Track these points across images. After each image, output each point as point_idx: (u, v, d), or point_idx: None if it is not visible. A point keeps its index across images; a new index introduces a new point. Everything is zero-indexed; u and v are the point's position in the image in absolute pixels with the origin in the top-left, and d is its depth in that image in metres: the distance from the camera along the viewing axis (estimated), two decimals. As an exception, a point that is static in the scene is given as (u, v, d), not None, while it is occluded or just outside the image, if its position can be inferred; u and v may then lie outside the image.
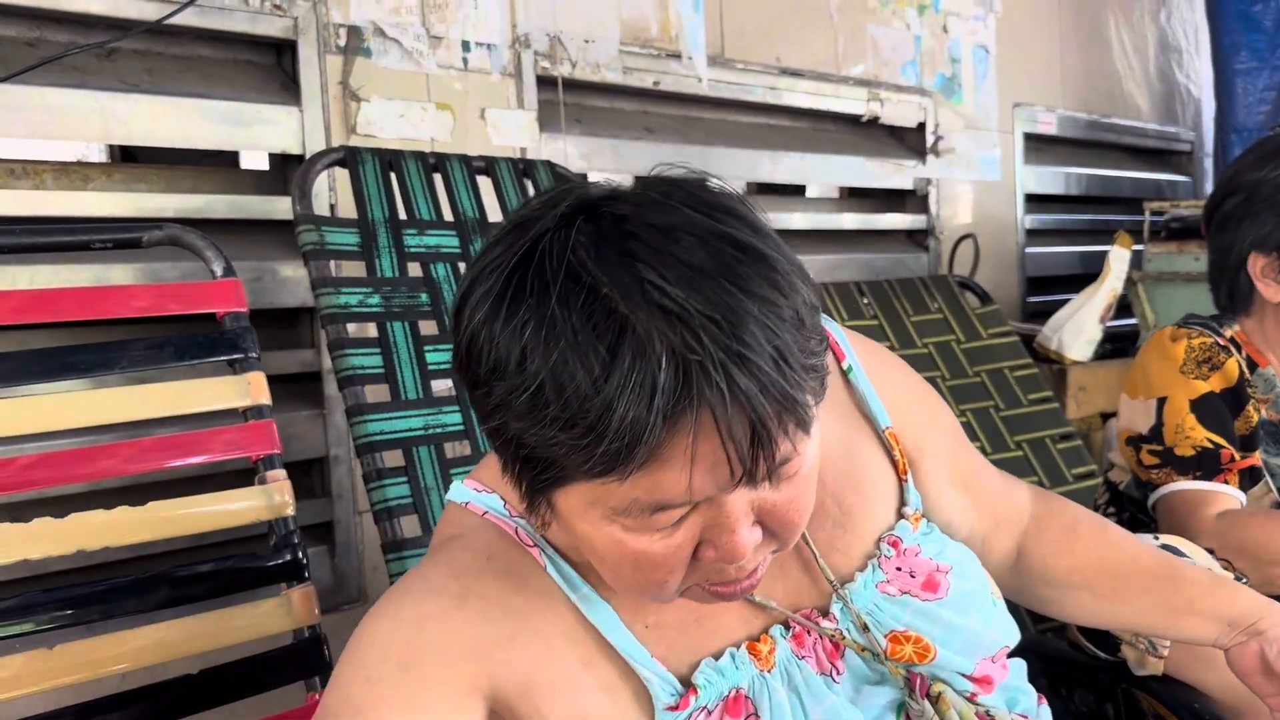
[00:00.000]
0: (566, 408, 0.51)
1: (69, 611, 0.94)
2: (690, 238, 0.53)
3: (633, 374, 0.50)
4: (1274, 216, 1.24)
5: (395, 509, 1.10)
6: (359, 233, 1.22)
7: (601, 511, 0.56)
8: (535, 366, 0.52)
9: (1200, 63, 3.39)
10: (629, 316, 0.51)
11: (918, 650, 0.71)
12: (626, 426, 0.50)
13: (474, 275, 0.57)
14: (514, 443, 0.56)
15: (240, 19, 1.37)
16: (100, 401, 1.04)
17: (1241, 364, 1.26)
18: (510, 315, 0.53)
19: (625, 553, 0.58)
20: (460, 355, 0.57)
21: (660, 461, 0.52)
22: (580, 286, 0.52)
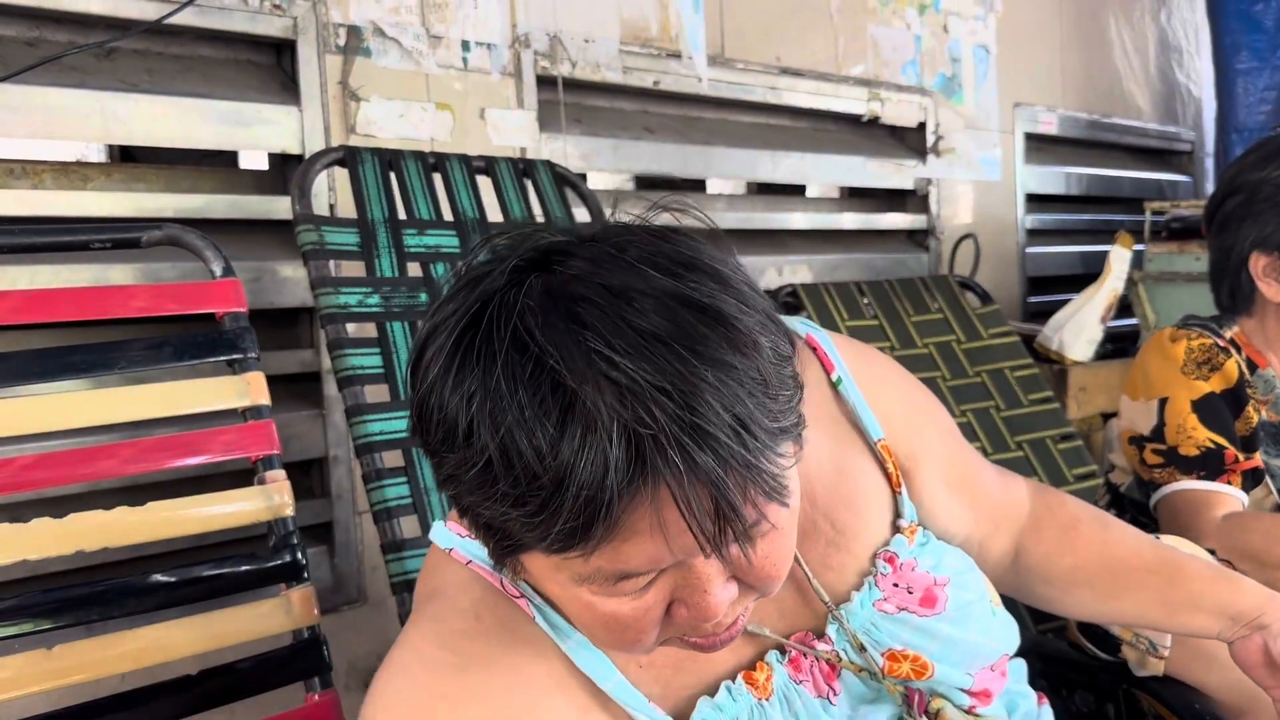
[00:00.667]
0: (516, 484, 0.50)
1: (68, 612, 0.94)
2: (645, 299, 0.51)
3: (583, 451, 0.48)
4: (1275, 216, 1.24)
5: (395, 509, 1.10)
6: (358, 232, 1.22)
7: (568, 575, 0.55)
8: (483, 441, 0.50)
9: (1201, 62, 3.39)
10: (577, 390, 0.49)
11: (915, 668, 0.70)
12: (580, 505, 0.48)
13: (426, 332, 0.55)
14: (469, 512, 0.55)
15: (240, 19, 1.37)
16: (99, 402, 1.04)
17: (1241, 365, 1.26)
18: (458, 383, 0.51)
19: (595, 615, 0.56)
20: (413, 420, 0.55)
21: (620, 537, 0.50)
22: (527, 357, 0.50)
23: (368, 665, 1.49)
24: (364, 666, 1.49)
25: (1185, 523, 1.20)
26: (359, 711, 0.63)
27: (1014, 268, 2.71)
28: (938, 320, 1.93)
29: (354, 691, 1.47)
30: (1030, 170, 2.73)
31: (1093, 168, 3.00)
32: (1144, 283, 2.35)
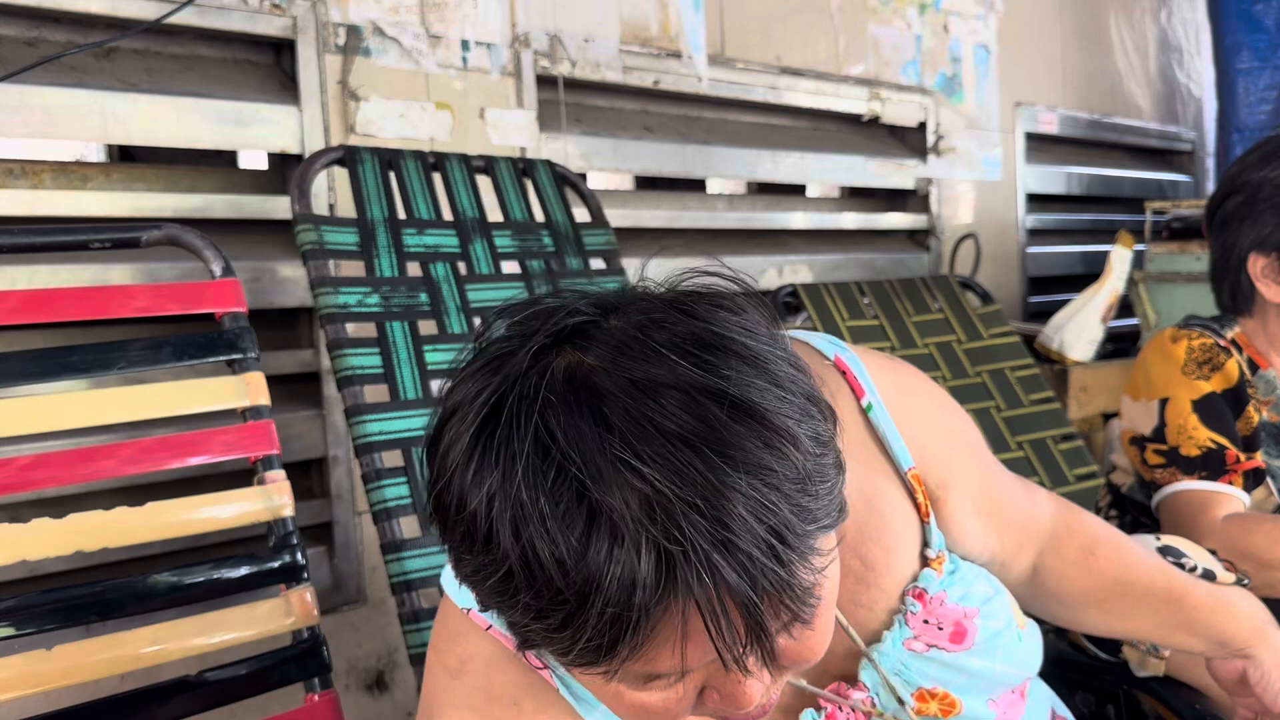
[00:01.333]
0: (538, 597, 0.47)
1: (68, 613, 0.94)
2: (672, 395, 0.48)
3: (609, 565, 0.46)
4: (1275, 217, 1.24)
5: (394, 509, 1.10)
6: (358, 232, 1.22)
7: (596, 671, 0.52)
8: (504, 549, 0.47)
9: (1201, 62, 3.39)
10: (601, 501, 0.46)
11: (943, 706, 0.70)
12: (606, 622, 0.46)
13: (445, 415, 0.53)
14: (489, 607, 0.53)
15: (239, 18, 1.37)
16: (99, 402, 1.03)
17: (1242, 365, 1.26)
18: (477, 481, 0.49)
19: (622, 704, 0.54)
20: (431, 507, 0.53)
21: (645, 650, 0.48)
22: (549, 463, 0.47)
23: (367, 665, 1.49)
24: (364, 667, 1.49)
25: (1187, 523, 1.20)
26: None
27: (1015, 268, 2.71)
28: (938, 320, 1.93)
29: (353, 692, 1.47)
30: (1031, 170, 2.73)
31: (1093, 167, 3.00)
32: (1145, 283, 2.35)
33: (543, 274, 1.35)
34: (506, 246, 1.34)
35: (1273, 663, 0.84)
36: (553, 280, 1.36)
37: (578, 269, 1.39)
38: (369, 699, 1.49)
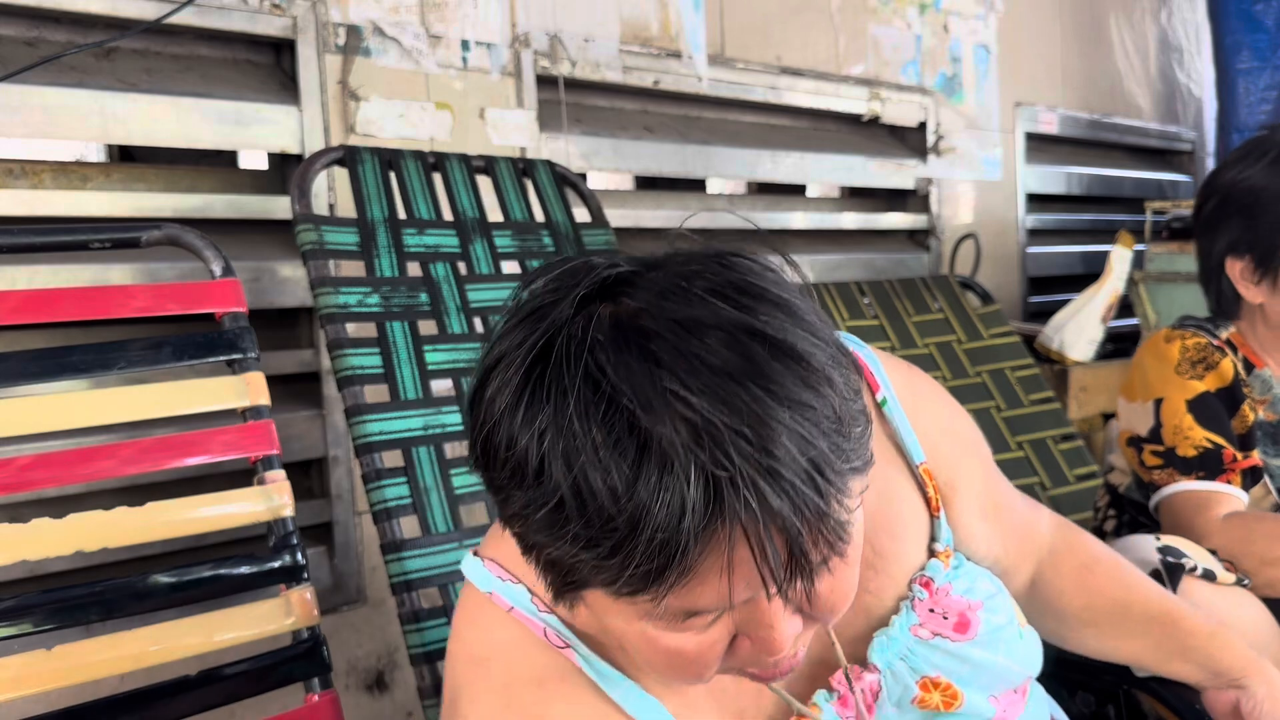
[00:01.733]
0: (589, 526, 0.49)
1: (68, 613, 0.94)
2: (716, 333, 0.50)
3: (659, 493, 0.47)
4: (1243, 220, 1.25)
5: (394, 509, 1.10)
6: (358, 232, 1.22)
7: (631, 611, 0.54)
8: (555, 480, 0.49)
9: (1202, 62, 3.39)
10: (651, 430, 0.48)
11: (945, 698, 0.71)
12: (655, 548, 0.48)
13: (489, 364, 0.54)
14: (534, 549, 0.54)
15: (239, 18, 1.37)
16: (99, 402, 1.03)
17: (1237, 364, 1.26)
18: (528, 419, 0.50)
19: (656, 650, 0.55)
20: (476, 453, 0.55)
21: (691, 579, 0.50)
22: (600, 396, 0.49)
23: (368, 665, 1.49)
24: (364, 666, 1.49)
25: (1186, 523, 1.20)
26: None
27: (1015, 268, 2.71)
28: (938, 320, 1.93)
29: (353, 692, 1.47)
30: (1031, 170, 2.73)
31: (1093, 167, 3.00)
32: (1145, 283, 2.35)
33: (543, 274, 1.35)
34: (506, 246, 1.34)
35: (1265, 694, 0.84)
36: (553, 280, 1.36)
37: (578, 269, 1.39)
38: (369, 699, 1.49)
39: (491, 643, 0.65)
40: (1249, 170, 1.25)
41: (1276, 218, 1.22)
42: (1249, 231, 1.25)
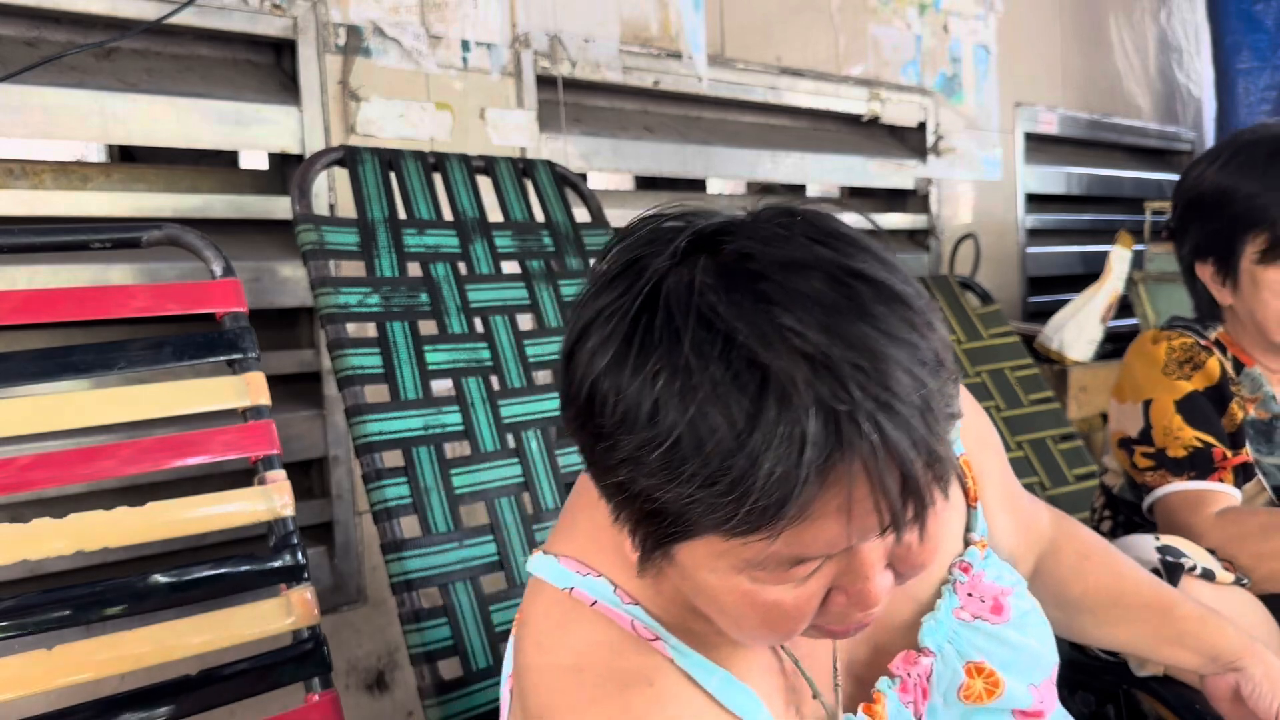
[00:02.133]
0: (707, 464, 0.48)
1: (68, 612, 0.94)
2: (821, 274, 0.50)
3: (779, 427, 0.47)
4: (1203, 223, 1.26)
5: (395, 509, 1.10)
6: (358, 232, 1.22)
7: (731, 563, 0.53)
8: (670, 420, 0.49)
9: (1201, 62, 3.39)
10: (770, 365, 0.48)
11: (987, 685, 0.71)
12: (774, 483, 0.47)
13: (587, 319, 0.54)
14: (640, 498, 0.52)
15: (239, 18, 1.37)
16: (99, 402, 1.04)
17: (1225, 363, 1.26)
18: (639, 365, 0.50)
19: (754, 605, 0.55)
20: (578, 405, 0.54)
21: (808, 518, 0.49)
22: (715, 334, 0.49)
23: (368, 665, 1.49)
24: (364, 666, 1.49)
25: (1181, 523, 1.20)
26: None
27: (1014, 268, 2.71)
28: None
29: (354, 691, 1.47)
30: (1030, 170, 2.73)
31: (1093, 168, 3.00)
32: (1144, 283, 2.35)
33: (543, 274, 1.35)
34: (507, 247, 1.34)
35: (1263, 674, 0.85)
36: (553, 280, 1.36)
37: (578, 269, 1.39)
38: (369, 699, 1.49)
39: (582, 647, 0.62)
40: (1206, 173, 1.26)
41: (1232, 219, 1.23)
42: (1209, 235, 1.26)
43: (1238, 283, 1.24)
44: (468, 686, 1.06)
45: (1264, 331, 1.25)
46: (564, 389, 0.55)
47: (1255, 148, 1.24)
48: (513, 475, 1.19)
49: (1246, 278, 1.23)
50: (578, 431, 0.55)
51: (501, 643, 1.10)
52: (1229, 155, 1.25)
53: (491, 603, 1.11)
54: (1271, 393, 1.27)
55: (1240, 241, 1.22)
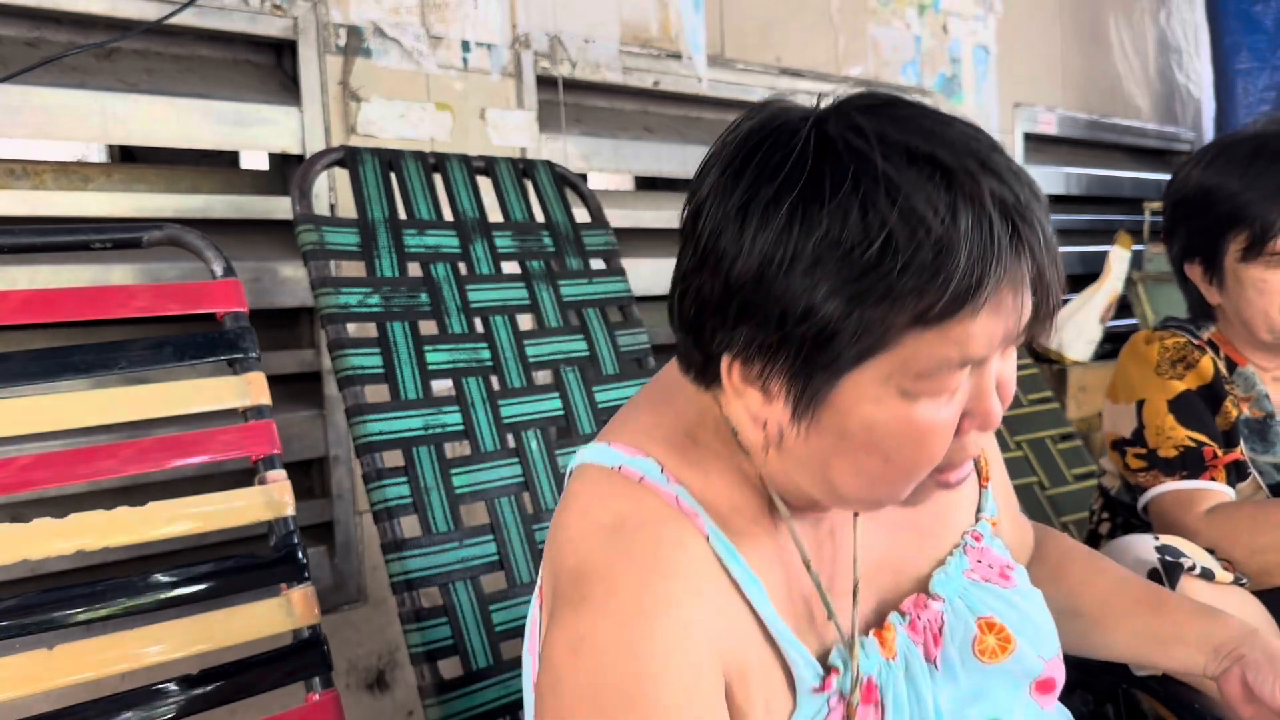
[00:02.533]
0: (919, 250, 0.54)
1: (69, 612, 0.94)
2: (955, 126, 0.59)
3: (971, 214, 0.55)
4: (1188, 224, 1.28)
5: (395, 509, 1.10)
6: (359, 233, 1.22)
7: (897, 385, 0.58)
8: (881, 215, 0.55)
9: (1200, 63, 3.39)
10: (954, 169, 0.56)
11: (1000, 640, 0.74)
12: (974, 263, 0.55)
13: (739, 203, 0.59)
14: (818, 330, 0.57)
15: (240, 19, 1.37)
16: (100, 401, 1.04)
17: (1218, 362, 1.27)
18: (834, 190, 0.56)
19: (911, 430, 0.60)
20: (748, 277, 0.58)
21: (996, 299, 0.57)
22: (894, 146, 0.57)
23: (368, 664, 1.49)
24: (365, 666, 1.49)
25: (1175, 523, 1.20)
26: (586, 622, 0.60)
27: (1014, 268, 2.70)
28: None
29: (354, 691, 1.47)
30: (1030, 170, 2.72)
31: (1092, 168, 3.00)
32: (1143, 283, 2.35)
33: (543, 274, 1.36)
34: (507, 247, 1.34)
35: (1263, 658, 0.83)
36: (553, 281, 1.36)
37: (578, 269, 1.40)
38: (370, 698, 1.49)
39: (624, 510, 0.64)
40: (1191, 174, 1.28)
41: (1215, 219, 1.24)
42: (1195, 235, 1.28)
43: (1224, 282, 1.26)
44: (468, 686, 1.06)
45: (1251, 329, 1.26)
46: (723, 284, 0.59)
47: (1236, 147, 1.26)
48: (513, 475, 1.19)
49: (1231, 276, 1.25)
50: (740, 315, 0.59)
51: (502, 642, 1.11)
52: (1212, 156, 1.28)
53: (492, 602, 1.12)
54: (1265, 391, 1.28)
55: (1224, 240, 1.24)
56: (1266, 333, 1.25)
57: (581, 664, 0.59)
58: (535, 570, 1.17)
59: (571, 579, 0.63)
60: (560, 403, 1.28)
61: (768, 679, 0.65)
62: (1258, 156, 1.23)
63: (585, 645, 0.59)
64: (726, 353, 0.62)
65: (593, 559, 0.63)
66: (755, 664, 0.64)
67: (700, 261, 0.61)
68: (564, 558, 0.65)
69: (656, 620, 0.59)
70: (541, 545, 1.18)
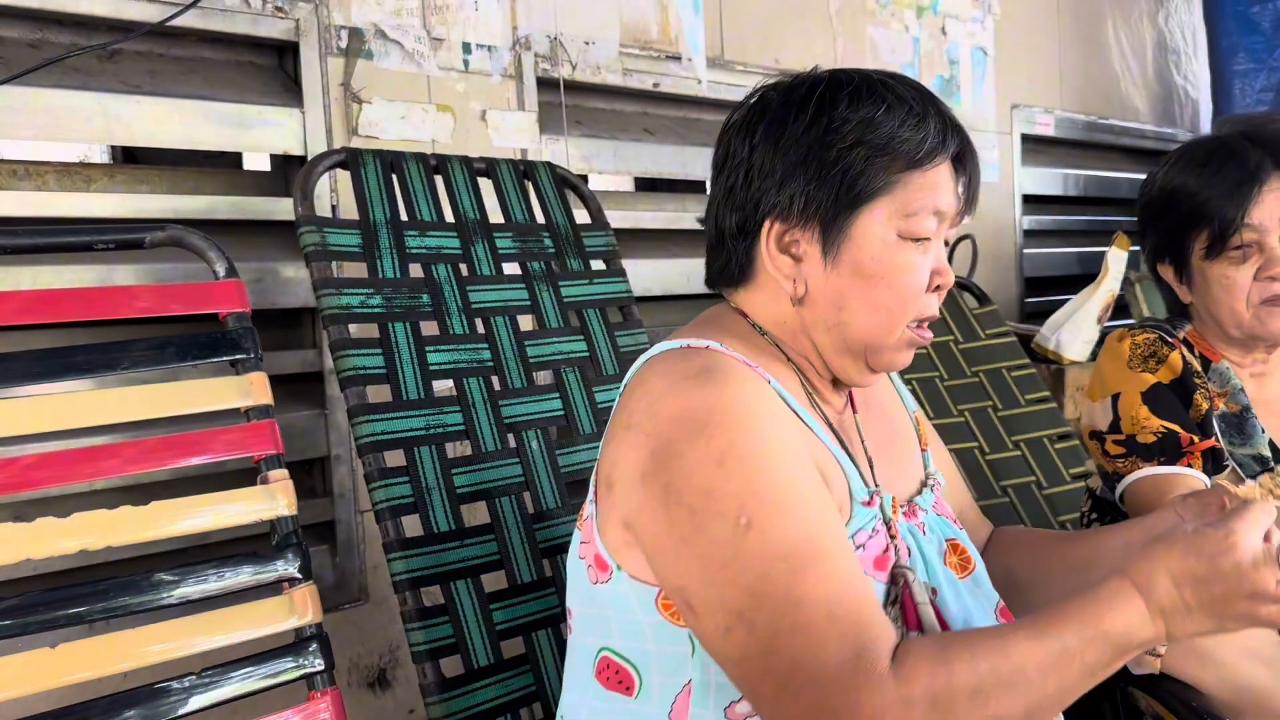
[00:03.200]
0: (908, 117, 0.82)
1: (71, 611, 0.94)
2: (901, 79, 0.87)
3: (934, 108, 0.84)
4: (1155, 226, 1.32)
5: (397, 508, 1.10)
6: (360, 234, 1.23)
7: (895, 228, 0.82)
8: (883, 100, 0.82)
9: (1198, 64, 3.40)
10: (919, 87, 0.85)
11: (962, 560, 0.90)
12: (939, 130, 0.83)
13: (780, 101, 0.85)
14: (852, 164, 0.81)
15: (242, 21, 1.38)
16: (103, 401, 1.04)
17: (1188, 357, 1.29)
18: (851, 91, 0.83)
19: (905, 262, 0.82)
20: (804, 129, 0.83)
21: (941, 170, 0.83)
22: (879, 73, 0.85)
23: (369, 663, 1.50)
24: (366, 664, 1.49)
25: (1152, 508, 1.21)
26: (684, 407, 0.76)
27: (1011, 268, 2.72)
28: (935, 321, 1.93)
29: (356, 689, 1.48)
30: (1028, 171, 2.74)
31: (1090, 169, 3.01)
32: (1141, 283, 2.36)
33: (544, 275, 1.36)
34: (508, 248, 1.35)
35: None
36: (553, 281, 1.37)
37: (578, 270, 1.40)
38: (371, 696, 1.50)
39: (705, 362, 0.79)
40: (1157, 177, 1.32)
41: (1178, 219, 1.28)
42: (1162, 236, 1.31)
43: (1192, 280, 1.30)
44: (469, 684, 1.07)
45: (1221, 326, 1.29)
46: (777, 157, 0.84)
47: (1197, 148, 1.31)
48: (513, 475, 1.20)
49: (1198, 275, 1.29)
50: (786, 176, 0.83)
51: (503, 640, 1.11)
52: (1175, 158, 1.32)
53: (493, 601, 1.12)
54: (1240, 385, 1.30)
55: (1188, 240, 1.28)
56: (1235, 328, 1.28)
57: (732, 472, 0.72)
58: (536, 570, 1.17)
59: (680, 419, 0.76)
60: (561, 403, 1.28)
61: (838, 486, 0.81)
62: (1213, 156, 1.27)
63: (728, 457, 0.73)
64: (769, 217, 0.84)
65: (694, 397, 0.76)
66: (830, 472, 0.81)
67: (750, 150, 0.85)
68: (660, 409, 0.77)
69: (769, 430, 0.76)
70: (543, 544, 1.19)
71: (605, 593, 0.82)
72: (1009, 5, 2.63)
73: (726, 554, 0.71)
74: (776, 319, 0.87)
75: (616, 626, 0.82)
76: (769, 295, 0.87)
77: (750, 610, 0.70)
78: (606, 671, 0.83)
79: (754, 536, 0.71)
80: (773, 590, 0.70)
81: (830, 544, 0.73)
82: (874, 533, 0.82)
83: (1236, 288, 1.25)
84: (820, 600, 0.70)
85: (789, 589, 0.70)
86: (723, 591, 0.71)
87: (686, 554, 0.73)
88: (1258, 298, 1.25)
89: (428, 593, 1.09)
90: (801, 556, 0.71)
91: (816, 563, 0.71)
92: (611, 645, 0.82)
